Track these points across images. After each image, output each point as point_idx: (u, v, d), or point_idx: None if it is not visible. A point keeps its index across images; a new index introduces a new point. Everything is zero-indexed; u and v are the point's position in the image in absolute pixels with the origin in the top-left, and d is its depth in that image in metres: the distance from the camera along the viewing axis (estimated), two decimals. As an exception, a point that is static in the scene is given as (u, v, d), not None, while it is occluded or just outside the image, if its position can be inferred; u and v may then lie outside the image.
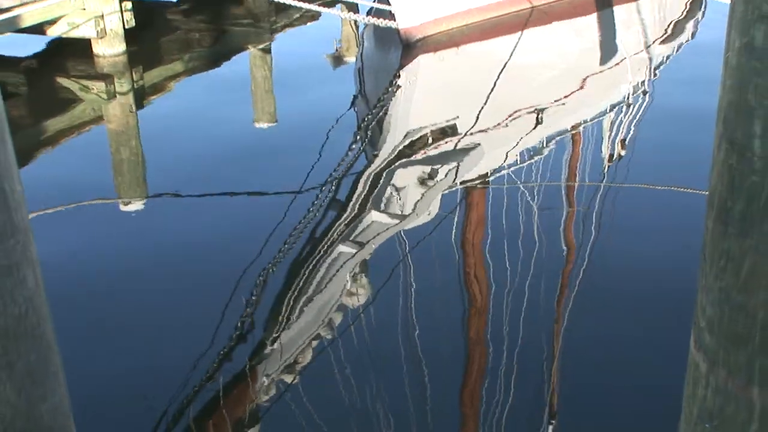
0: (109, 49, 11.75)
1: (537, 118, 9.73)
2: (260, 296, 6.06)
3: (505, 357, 5.30)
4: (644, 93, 10.51)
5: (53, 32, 11.49)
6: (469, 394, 5.12)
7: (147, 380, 5.14)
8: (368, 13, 12.50)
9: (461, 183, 8.09)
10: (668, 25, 13.58)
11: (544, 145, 8.86)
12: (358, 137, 9.34)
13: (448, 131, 9.34)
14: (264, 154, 8.81)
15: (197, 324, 5.71)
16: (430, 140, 9.07)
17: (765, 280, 1.68)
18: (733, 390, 1.80)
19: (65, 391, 3.40)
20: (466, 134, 9.25)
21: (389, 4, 11.98)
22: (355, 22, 12.85)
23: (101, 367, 5.18)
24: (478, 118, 9.73)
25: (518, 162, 8.45)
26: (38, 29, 11.27)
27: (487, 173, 8.29)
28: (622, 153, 8.68)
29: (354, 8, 12.88)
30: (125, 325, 5.73)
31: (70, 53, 11.81)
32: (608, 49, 12.87)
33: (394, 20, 12.02)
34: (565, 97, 10.44)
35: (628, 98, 10.28)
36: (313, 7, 11.47)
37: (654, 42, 12.76)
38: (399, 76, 11.42)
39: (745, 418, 1.80)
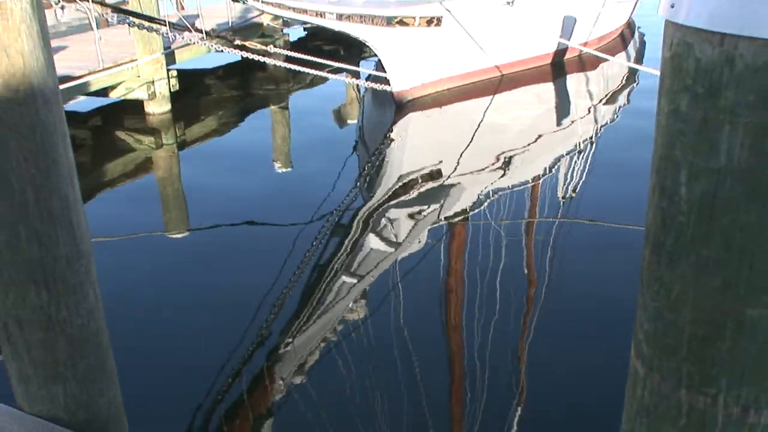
0: (158, 108, 11.83)
1: (506, 165, 9.75)
2: (278, 311, 6.05)
3: (480, 363, 5.29)
4: (592, 144, 10.55)
5: (114, 95, 11.58)
6: (449, 391, 5.10)
7: (185, 380, 5.12)
8: (368, 79, 12.58)
9: (444, 218, 8.09)
10: (610, 91, 13.67)
11: (512, 188, 8.88)
12: (359, 180, 9.36)
13: (433, 175, 9.37)
14: (281, 193, 8.82)
15: (226, 332, 5.69)
16: (418, 183, 9.09)
17: (690, 302, 1.68)
18: (666, 391, 1.80)
19: (118, 388, 3.40)
20: (448, 178, 9.27)
21: (385, 71, 12.08)
22: (357, 86, 12.92)
23: (147, 369, 5.16)
24: (457, 164, 9.75)
25: (491, 201, 8.46)
26: (102, 93, 11.37)
27: (465, 210, 8.30)
28: (575, 194, 8.69)
29: (356, 74, 12.96)
30: (168, 333, 5.72)
31: (127, 112, 11.88)
32: (563, 109, 12.96)
33: (389, 85, 12.10)
34: (528, 147, 10.47)
35: (579, 148, 10.32)
36: (323, 73, 11.53)
37: (599, 104, 12.84)
38: (392, 130, 11.46)
39: (675, 414, 1.80)
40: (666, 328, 1.76)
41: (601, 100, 13.07)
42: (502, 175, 9.38)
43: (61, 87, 3.05)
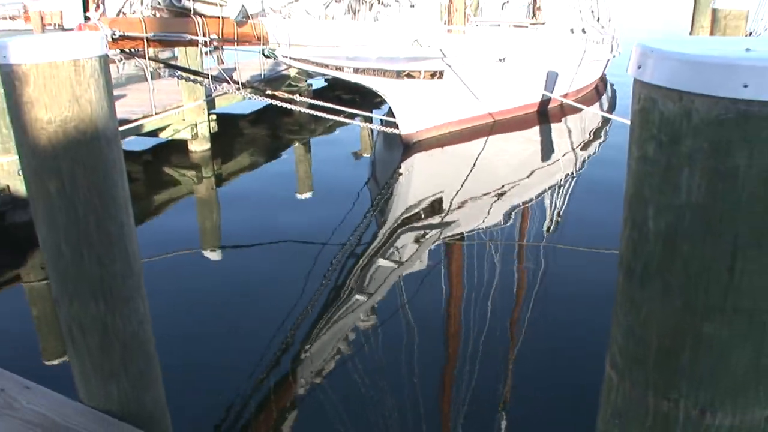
0: (199, 147, 11.92)
1: (498, 196, 9.77)
2: (300, 320, 6.04)
3: (473, 365, 5.27)
4: (572, 179, 10.57)
5: (163, 135, 11.69)
6: (445, 391, 5.08)
7: (218, 380, 5.11)
8: (380, 123, 12.65)
9: (444, 242, 8.10)
10: (587, 135, 13.71)
11: (503, 216, 8.88)
12: (371, 209, 9.38)
13: (435, 206, 9.38)
14: (303, 219, 8.85)
15: (255, 337, 5.70)
16: (422, 212, 9.11)
17: (656, 320, 1.69)
18: (635, 396, 1.80)
19: (162, 387, 3.41)
20: (448, 208, 9.29)
21: (394, 117, 12.16)
22: (370, 129, 13.00)
23: (187, 370, 5.16)
24: (456, 196, 9.77)
25: (485, 227, 8.47)
26: (154, 133, 11.49)
27: (462, 235, 8.31)
28: (558, 222, 8.69)
29: (369, 120, 13.03)
30: (204, 339, 5.72)
31: (173, 150, 11.97)
32: (547, 150, 12.99)
33: (398, 128, 12.17)
34: (518, 182, 10.49)
35: (561, 183, 10.33)
36: (341, 118, 11.62)
37: (578, 146, 12.87)
38: (401, 167, 11.51)
39: (643, 416, 1.80)
40: (636, 342, 1.77)
41: (579, 143, 13.10)
42: (495, 206, 9.39)
43: (120, 129, 3.10)
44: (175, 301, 6.37)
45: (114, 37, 7.32)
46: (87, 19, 7.53)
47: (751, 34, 13.60)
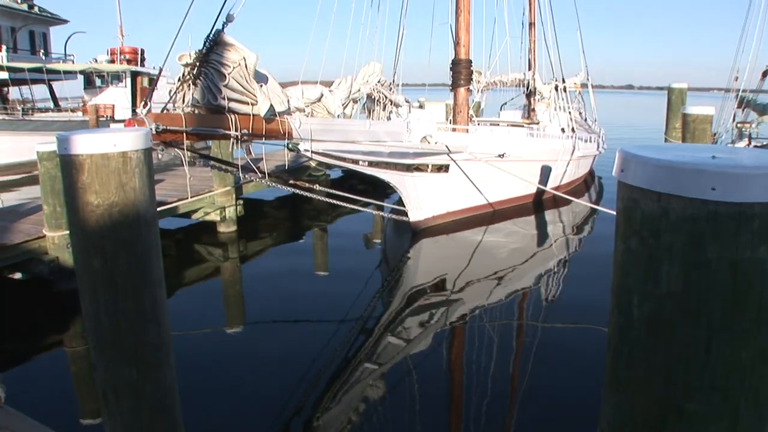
0: (227, 228, 12.04)
1: (497, 279, 9.73)
2: (313, 387, 5.95)
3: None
4: (564, 264, 10.54)
5: (195, 217, 11.83)
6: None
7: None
8: (390, 212, 12.77)
9: (448, 320, 8.02)
10: (577, 223, 13.77)
11: (502, 296, 8.83)
12: (382, 289, 9.36)
13: (439, 287, 9.35)
14: (319, 297, 8.82)
15: (271, 402, 5.62)
16: (428, 292, 9.07)
17: (642, 397, 1.68)
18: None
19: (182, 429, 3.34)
20: (452, 289, 9.25)
21: (404, 206, 12.29)
22: (382, 216, 13.10)
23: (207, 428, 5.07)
24: (459, 278, 9.75)
25: (486, 307, 8.40)
26: (187, 215, 11.63)
27: (464, 314, 8.23)
28: (552, 301, 8.62)
29: (381, 208, 13.16)
30: (225, 406, 5.62)
31: (203, 230, 12.09)
32: (542, 236, 13.01)
33: (407, 216, 12.28)
34: (515, 266, 10.47)
35: (554, 268, 10.30)
36: (355, 206, 11.74)
37: (569, 233, 12.91)
38: (409, 251, 11.53)
39: None
40: (623, 418, 1.75)
41: (570, 231, 13.14)
42: (494, 287, 9.35)
43: (157, 209, 3.18)
44: (203, 365, 6.32)
45: (158, 130, 7.55)
46: (135, 113, 7.79)
47: (715, 135, 13.89)
